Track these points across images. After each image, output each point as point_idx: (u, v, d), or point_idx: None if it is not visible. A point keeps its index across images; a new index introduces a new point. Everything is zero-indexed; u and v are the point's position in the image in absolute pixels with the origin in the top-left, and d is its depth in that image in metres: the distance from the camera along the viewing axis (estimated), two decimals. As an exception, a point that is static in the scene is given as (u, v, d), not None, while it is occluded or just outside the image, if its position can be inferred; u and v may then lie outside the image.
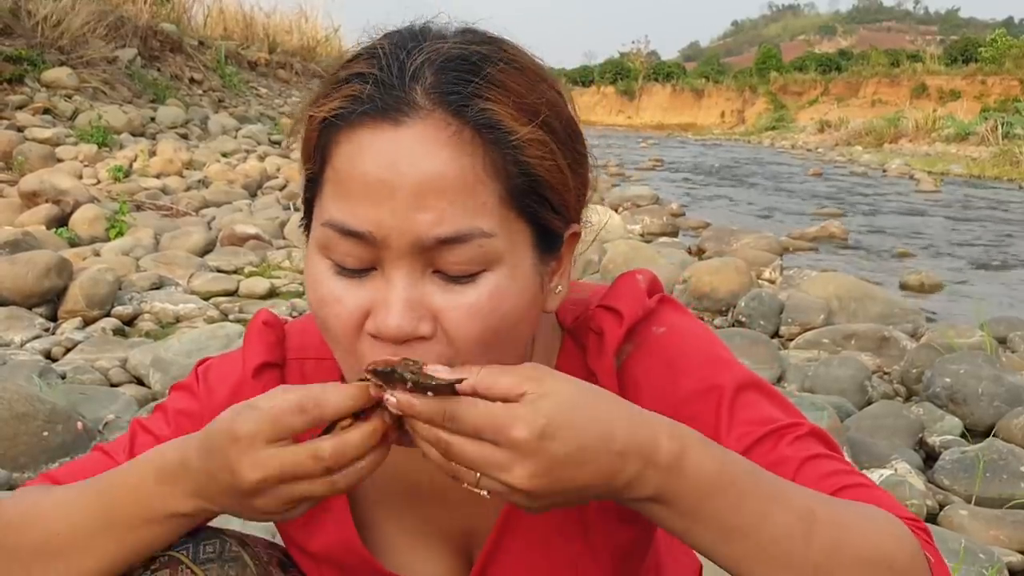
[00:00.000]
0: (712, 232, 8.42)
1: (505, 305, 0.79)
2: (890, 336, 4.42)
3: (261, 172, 9.74)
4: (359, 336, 0.80)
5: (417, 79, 0.76)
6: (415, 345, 0.77)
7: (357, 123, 0.77)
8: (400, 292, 0.77)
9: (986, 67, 42.30)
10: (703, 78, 63.57)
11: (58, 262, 4.53)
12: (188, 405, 1.00)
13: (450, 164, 0.75)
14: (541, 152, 0.78)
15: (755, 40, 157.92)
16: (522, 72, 0.80)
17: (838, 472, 0.84)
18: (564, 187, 0.82)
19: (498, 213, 0.77)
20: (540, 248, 0.82)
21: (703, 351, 0.92)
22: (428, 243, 0.76)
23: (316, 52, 20.26)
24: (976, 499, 2.83)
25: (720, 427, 0.86)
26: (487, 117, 0.76)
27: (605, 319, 0.92)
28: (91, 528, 0.85)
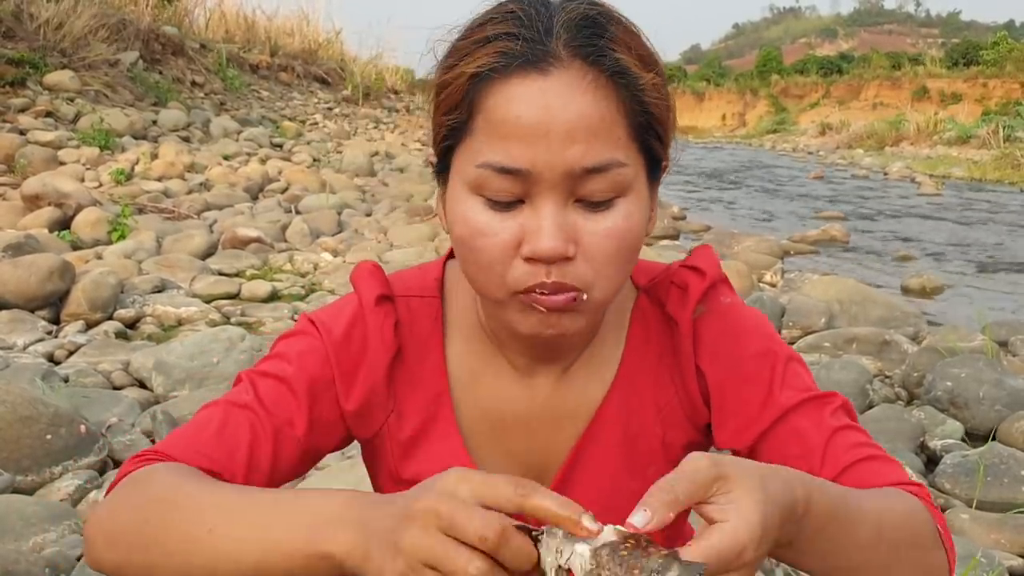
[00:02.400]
0: (713, 235, 8.43)
1: (634, 227, 0.91)
2: (891, 340, 4.42)
3: (263, 175, 9.74)
4: (511, 262, 0.89)
5: (557, 36, 0.88)
6: (562, 265, 0.88)
7: (510, 75, 0.87)
8: (552, 218, 0.87)
9: (987, 70, 42.27)
10: (704, 81, 63.56)
11: (60, 265, 4.54)
12: (308, 345, 1.03)
13: (593, 106, 0.87)
14: (659, 94, 0.91)
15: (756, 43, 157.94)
16: (637, 32, 0.94)
17: (862, 444, 0.97)
18: (669, 124, 0.95)
19: (628, 146, 0.90)
20: (649, 178, 0.95)
21: (760, 324, 1.06)
22: (577, 173, 0.87)
23: (317, 55, 20.26)
24: (977, 503, 2.84)
25: (774, 385, 1.00)
26: (620, 66, 0.88)
27: (689, 276, 1.05)
28: (245, 535, 0.83)
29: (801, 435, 0.97)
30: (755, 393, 1.00)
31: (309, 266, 6.13)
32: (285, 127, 14.02)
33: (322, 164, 11.50)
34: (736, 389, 1.01)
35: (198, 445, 0.96)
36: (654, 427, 1.05)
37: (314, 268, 6.10)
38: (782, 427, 0.98)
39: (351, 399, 1.02)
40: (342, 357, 1.03)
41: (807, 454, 0.96)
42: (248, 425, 0.97)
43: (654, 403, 1.05)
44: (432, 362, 1.06)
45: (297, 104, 17.10)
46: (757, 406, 0.99)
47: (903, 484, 0.93)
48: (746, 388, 1.01)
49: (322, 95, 18.59)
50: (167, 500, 0.88)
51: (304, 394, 1.00)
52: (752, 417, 0.99)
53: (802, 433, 0.97)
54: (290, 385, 1.01)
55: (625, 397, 1.05)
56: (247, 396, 1.00)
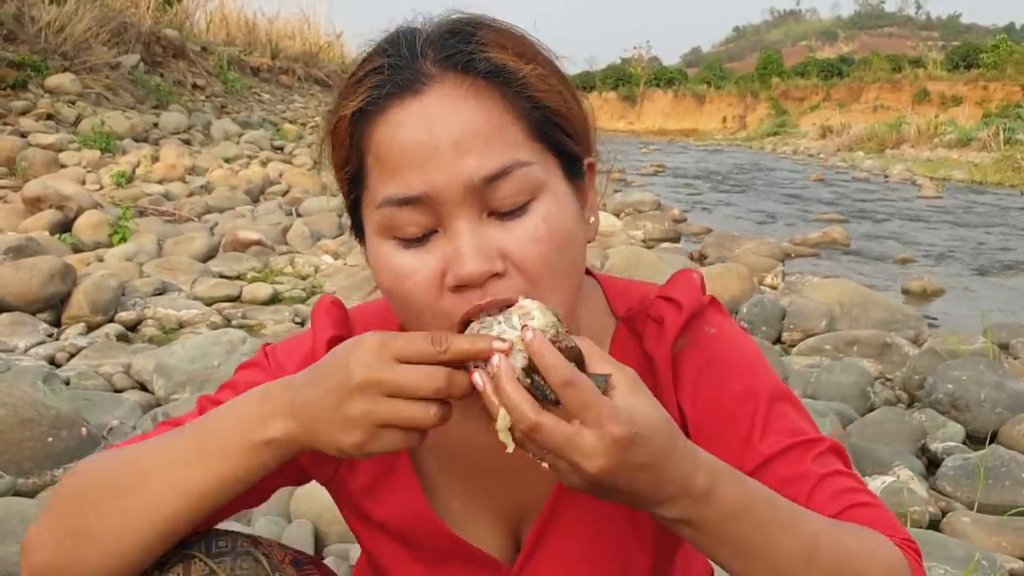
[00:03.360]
0: (714, 238, 8.42)
1: (559, 226, 0.86)
2: (892, 342, 4.42)
3: (263, 177, 9.75)
4: (441, 296, 0.86)
5: (423, 56, 0.86)
6: (493, 284, 0.84)
7: (385, 105, 0.85)
8: (467, 239, 0.84)
9: (988, 72, 42.27)
10: (705, 83, 63.56)
11: (62, 267, 4.54)
12: (258, 378, 1.03)
13: (476, 112, 0.84)
14: (546, 85, 0.87)
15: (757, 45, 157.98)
16: (509, 29, 0.90)
17: (850, 490, 0.92)
18: (572, 115, 0.90)
19: (529, 145, 0.86)
20: (569, 175, 0.90)
21: (746, 357, 0.99)
22: (478, 184, 0.83)
23: (318, 57, 20.30)
24: (978, 506, 2.83)
25: (754, 431, 0.95)
26: (493, 64, 0.85)
27: (665, 309, 0.99)
28: (180, 460, 0.87)
29: (783, 484, 0.91)
30: (735, 436, 0.95)
31: (310, 269, 6.13)
32: (286, 130, 14.03)
33: (323, 166, 11.48)
34: (715, 431, 0.96)
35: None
36: None
37: (315, 271, 6.11)
38: (763, 475, 0.92)
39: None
40: None
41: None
42: None
43: None
44: None
45: (298, 107, 17.12)
46: (736, 451, 0.94)
47: (894, 536, 0.89)
48: (725, 430, 0.95)
49: (323, 97, 18.60)
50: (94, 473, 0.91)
51: None
52: (731, 462, 0.91)
53: (784, 482, 0.91)
54: None
55: None
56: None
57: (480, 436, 0.99)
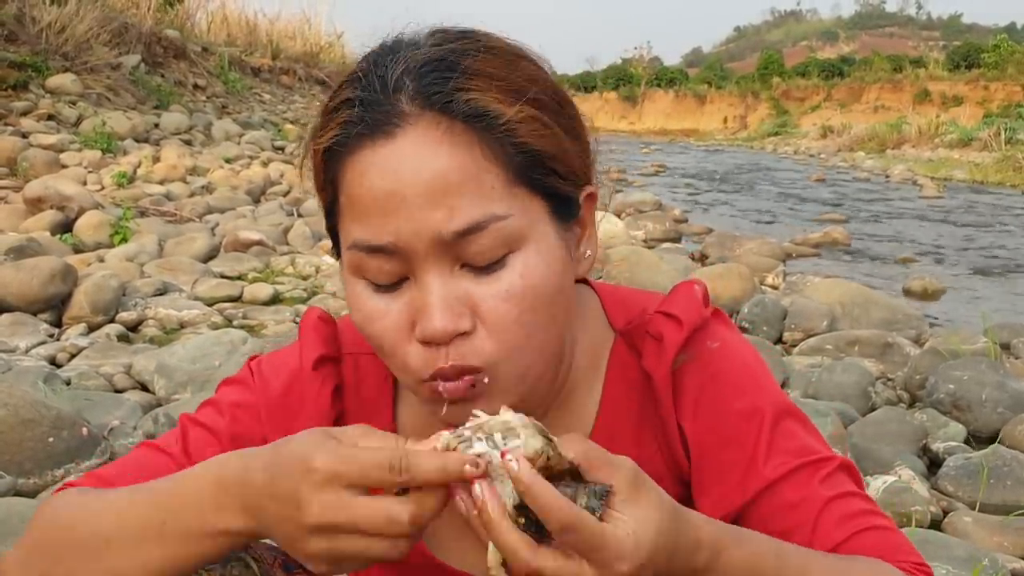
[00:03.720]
0: (715, 238, 8.43)
1: (538, 281, 0.80)
2: (893, 342, 4.42)
3: (264, 178, 9.75)
4: (408, 346, 0.82)
5: (400, 89, 0.79)
6: (459, 343, 0.79)
7: (355, 146, 0.80)
8: (436, 293, 0.79)
9: (989, 73, 42.25)
10: (705, 84, 63.53)
11: (63, 268, 4.54)
12: (242, 397, 1.01)
13: (450, 160, 0.77)
14: (533, 127, 0.81)
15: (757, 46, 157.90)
16: (499, 56, 0.83)
17: (860, 513, 0.89)
18: (565, 154, 0.84)
19: (507, 193, 0.79)
20: (559, 216, 0.84)
21: (750, 373, 0.95)
22: (448, 238, 0.78)
23: (319, 58, 20.28)
24: (980, 506, 2.83)
25: (759, 452, 0.91)
26: (472, 107, 0.78)
27: (665, 325, 0.94)
28: (142, 535, 0.82)
29: (789, 509, 0.88)
30: (738, 458, 0.91)
31: (311, 269, 6.13)
32: (287, 130, 14.03)
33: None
34: (717, 452, 0.92)
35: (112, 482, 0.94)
36: None
37: (316, 271, 6.10)
38: (768, 500, 0.89)
39: None
40: (276, 416, 0.98)
41: (795, 529, 0.88)
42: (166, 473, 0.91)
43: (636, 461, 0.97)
44: (379, 426, 0.98)
45: (299, 107, 17.12)
46: (739, 474, 0.91)
47: (901, 561, 0.86)
48: (728, 451, 0.92)
49: (324, 98, 18.54)
50: (67, 523, 0.87)
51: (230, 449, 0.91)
52: (734, 486, 0.91)
53: (790, 507, 0.88)
54: (219, 438, 0.97)
55: None
56: (175, 445, 0.98)
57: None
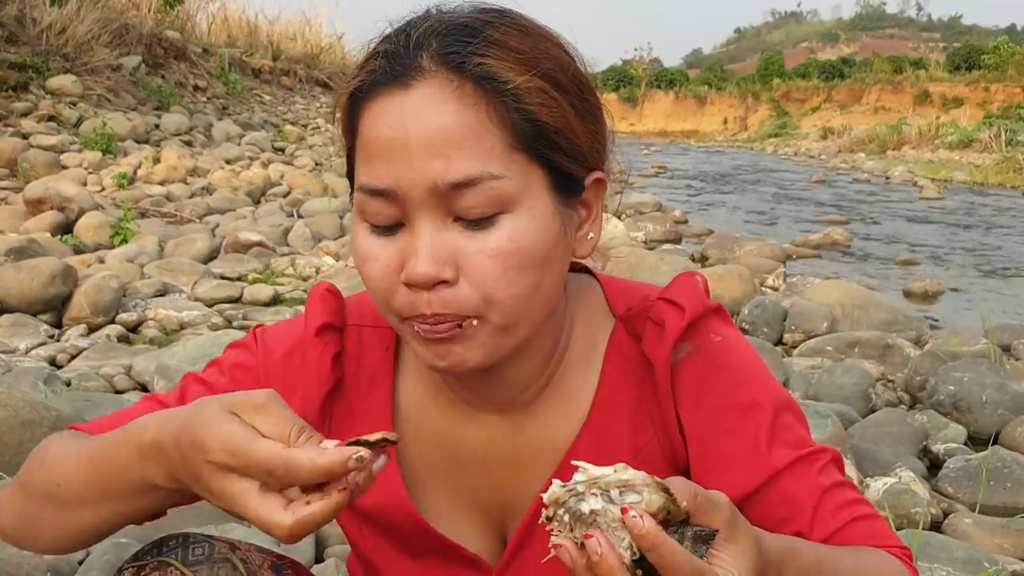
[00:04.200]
0: (715, 239, 8.43)
1: (525, 244, 0.83)
2: (894, 344, 4.42)
3: (265, 179, 9.75)
4: (396, 288, 0.86)
5: (423, 47, 0.84)
6: (441, 291, 0.83)
7: (374, 93, 0.85)
8: (425, 240, 0.83)
9: (989, 74, 42.30)
10: (706, 85, 63.57)
11: (63, 269, 4.54)
12: (245, 360, 1.04)
13: (455, 116, 0.81)
14: (541, 99, 0.84)
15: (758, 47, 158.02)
16: (525, 32, 0.87)
17: (851, 503, 0.95)
18: (572, 132, 0.87)
19: (506, 157, 0.83)
20: (560, 191, 0.87)
21: (750, 367, 0.98)
22: (442, 189, 0.81)
23: (320, 59, 20.28)
24: (980, 507, 2.83)
25: (760, 443, 0.94)
26: (483, 70, 0.82)
27: (667, 311, 0.96)
28: (86, 491, 0.88)
29: (791, 498, 0.93)
30: (740, 448, 0.94)
31: (311, 270, 6.13)
32: (287, 131, 14.03)
33: (324, 168, 11.51)
34: (718, 442, 0.95)
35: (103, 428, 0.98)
36: None
37: (316, 272, 6.11)
38: (771, 489, 0.93)
39: None
40: (276, 379, 1.01)
41: (796, 516, 0.92)
42: None
43: (630, 446, 0.98)
44: (378, 396, 1.02)
45: (299, 108, 17.12)
46: (743, 464, 0.94)
47: (889, 546, 0.93)
48: (729, 442, 0.94)
49: (324, 99, 18.60)
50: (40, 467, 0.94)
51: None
52: (738, 475, 0.94)
53: (791, 496, 0.93)
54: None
55: (597, 440, 0.98)
56: (172, 399, 1.02)
57: (465, 431, 1.00)
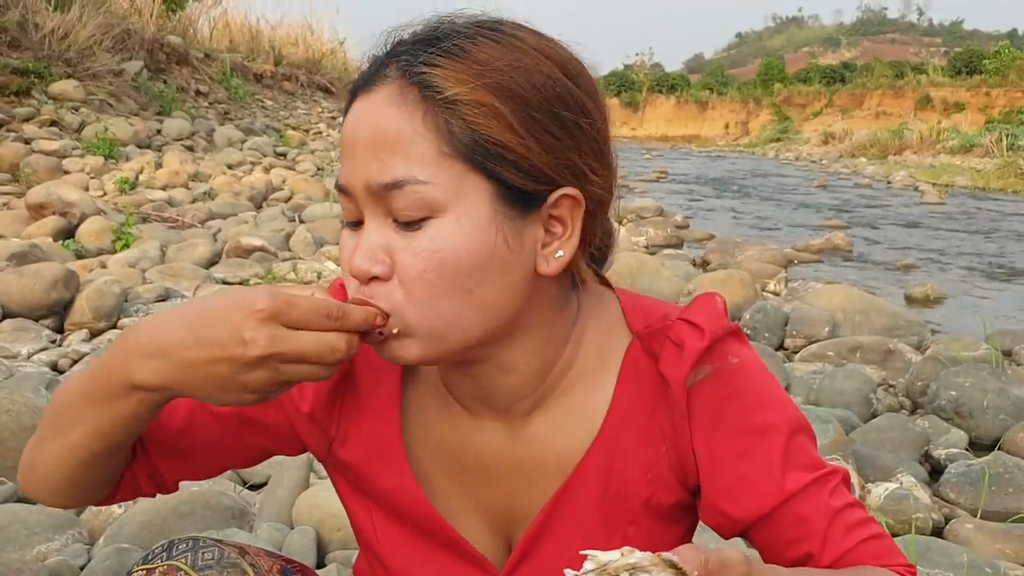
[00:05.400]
0: (717, 244, 8.42)
1: (447, 249, 0.85)
2: (895, 349, 4.42)
3: (267, 184, 9.75)
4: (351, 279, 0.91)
5: (395, 56, 0.88)
6: (373, 285, 0.88)
7: (355, 95, 0.91)
8: (366, 237, 0.88)
9: (990, 79, 42.30)
10: (707, 90, 63.61)
11: (65, 274, 4.54)
12: None
13: (393, 121, 0.85)
14: (481, 112, 0.85)
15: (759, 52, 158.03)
16: (500, 44, 0.88)
17: (861, 523, 0.97)
18: (521, 148, 0.86)
19: (436, 163, 0.85)
20: (508, 203, 0.87)
21: (766, 390, 0.99)
22: (375, 189, 0.86)
23: (322, 64, 20.31)
24: (982, 513, 2.83)
25: (774, 467, 0.96)
26: (424, 78, 0.85)
27: (687, 332, 0.96)
28: (78, 402, 0.92)
29: (803, 520, 0.95)
30: (755, 472, 0.95)
31: (313, 275, 6.13)
32: (289, 136, 14.04)
33: (326, 173, 11.51)
34: (733, 465, 0.96)
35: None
36: (638, 487, 0.98)
37: (318, 277, 6.11)
38: (784, 511, 0.95)
39: (305, 399, 1.04)
40: None
41: (808, 538, 0.95)
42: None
43: (641, 463, 0.98)
44: (386, 393, 1.04)
45: (301, 113, 17.14)
46: (758, 487, 0.95)
47: (896, 565, 0.95)
48: (744, 465, 0.96)
49: (326, 104, 18.63)
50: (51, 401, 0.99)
51: None
52: (752, 498, 0.95)
53: (804, 518, 0.95)
54: None
55: (609, 454, 0.99)
56: None
57: (469, 436, 1.01)
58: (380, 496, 1.05)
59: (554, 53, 0.90)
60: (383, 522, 1.06)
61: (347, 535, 2.37)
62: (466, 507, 1.03)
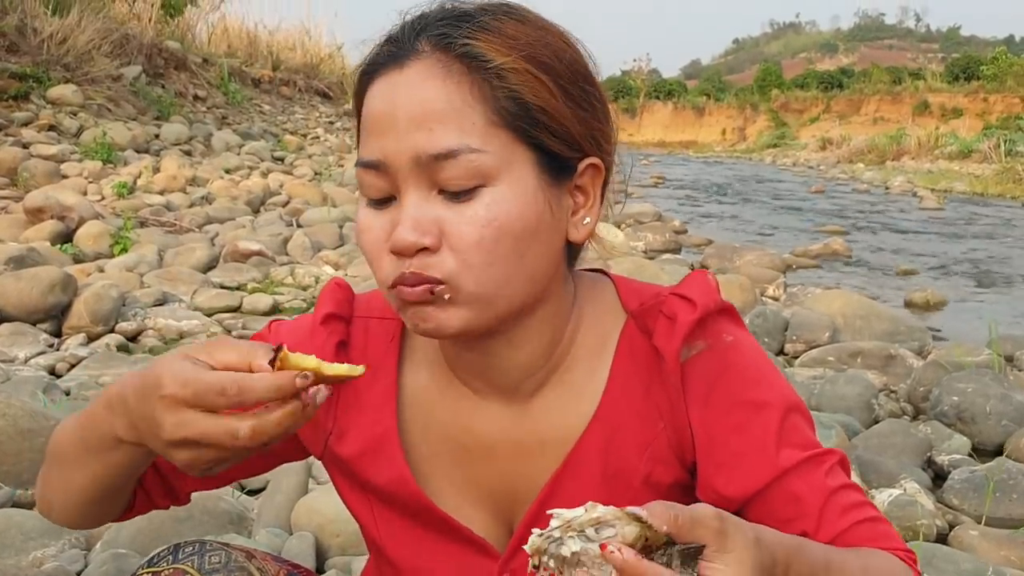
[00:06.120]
0: (715, 249, 8.42)
1: (503, 216, 0.86)
2: (896, 354, 4.40)
3: (264, 188, 9.74)
4: (384, 257, 0.89)
5: (422, 33, 0.89)
6: (423, 257, 0.86)
7: (375, 74, 0.90)
8: (409, 210, 0.87)
9: (988, 85, 42.40)
10: (704, 96, 63.68)
11: (63, 278, 4.53)
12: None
13: (439, 91, 0.86)
14: (525, 79, 0.87)
15: (756, 58, 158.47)
16: (522, 22, 0.91)
17: (857, 505, 0.96)
18: (558, 113, 0.89)
19: (487, 132, 0.86)
20: (548, 170, 0.90)
21: (761, 367, 0.99)
22: (425, 159, 0.85)
23: (319, 69, 20.30)
24: (986, 519, 2.81)
25: (768, 442, 0.95)
26: (468, 49, 0.86)
27: (679, 305, 0.98)
28: (75, 449, 0.95)
29: (797, 498, 0.94)
30: (748, 446, 0.95)
31: (311, 279, 6.12)
32: (287, 141, 14.04)
33: (324, 178, 11.51)
34: (727, 439, 0.96)
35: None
36: (637, 464, 0.98)
37: (315, 281, 6.09)
38: (778, 488, 0.94)
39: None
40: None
41: (802, 516, 0.94)
42: None
43: (639, 439, 0.98)
44: (382, 386, 1.04)
45: (299, 118, 17.13)
46: (751, 462, 0.95)
47: (894, 549, 0.94)
48: (738, 439, 0.95)
49: (324, 109, 18.62)
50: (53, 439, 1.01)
51: None
52: (746, 473, 0.95)
53: (798, 496, 0.94)
54: None
55: (607, 431, 0.99)
56: None
57: (472, 419, 1.02)
58: (378, 489, 1.04)
59: (566, 34, 0.94)
60: (383, 515, 1.05)
61: (346, 541, 2.35)
62: (467, 492, 1.03)
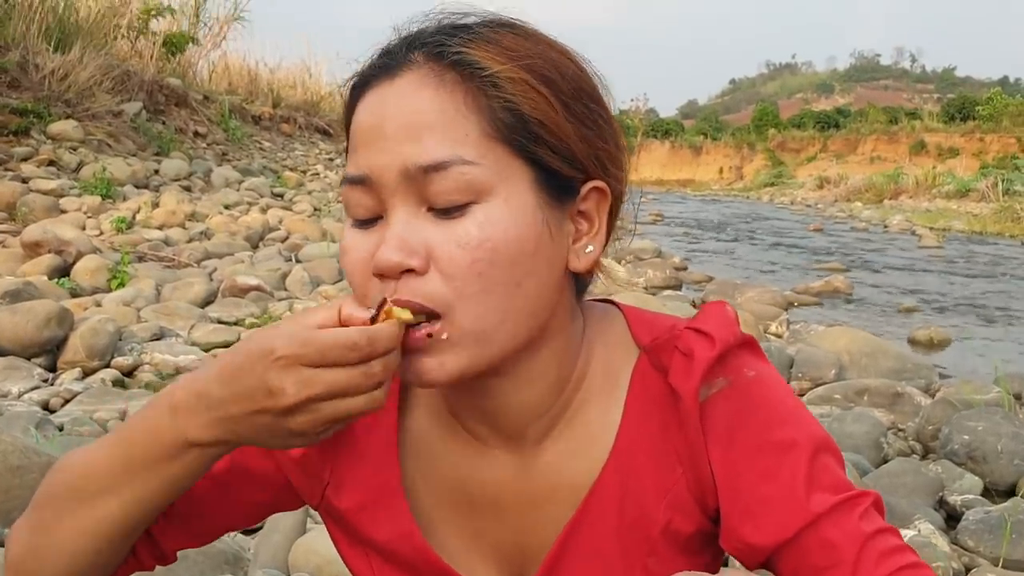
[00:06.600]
0: (716, 286, 8.39)
1: (497, 237, 0.80)
2: (904, 392, 4.34)
3: (263, 224, 9.72)
4: (369, 279, 0.83)
5: (416, 44, 0.84)
6: (408, 280, 0.80)
7: (365, 87, 0.85)
8: (395, 227, 0.81)
9: (984, 125, 42.73)
10: (701, 135, 64.12)
11: (59, 312, 4.47)
12: None
13: (431, 100, 0.80)
14: (522, 89, 0.81)
15: (752, 98, 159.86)
16: (523, 36, 0.86)
17: (896, 550, 0.87)
18: (558, 128, 0.83)
19: (482, 144, 0.80)
20: (548, 191, 0.83)
21: (786, 404, 0.91)
22: (413, 171, 0.79)
23: (319, 106, 20.42)
24: (1003, 561, 2.74)
25: (797, 487, 0.87)
26: (462, 57, 0.81)
27: (696, 341, 0.90)
28: (112, 470, 0.88)
29: (831, 546, 0.86)
30: (777, 492, 0.87)
31: (310, 315, 6.06)
32: (286, 177, 14.05)
33: (323, 214, 11.50)
34: (753, 484, 0.88)
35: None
36: (656, 513, 0.91)
37: (315, 317, 6.04)
38: (810, 535, 0.86)
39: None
40: None
41: (837, 565, 0.85)
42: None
43: (657, 486, 0.91)
44: (382, 433, 0.97)
45: (298, 155, 17.18)
46: (780, 509, 0.87)
47: None
48: (765, 484, 0.88)
49: (324, 146, 18.69)
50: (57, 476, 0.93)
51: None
52: (775, 521, 0.87)
53: (832, 544, 0.86)
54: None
55: (622, 478, 0.92)
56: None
57: (477, 468, 0.95)
58: (379, 544, 0.98)
59: (572, 51, 0.89)
60: (383, 570, 0.99)
61: (346, 583, 2.28)
62: (473, 546, 0.97)
